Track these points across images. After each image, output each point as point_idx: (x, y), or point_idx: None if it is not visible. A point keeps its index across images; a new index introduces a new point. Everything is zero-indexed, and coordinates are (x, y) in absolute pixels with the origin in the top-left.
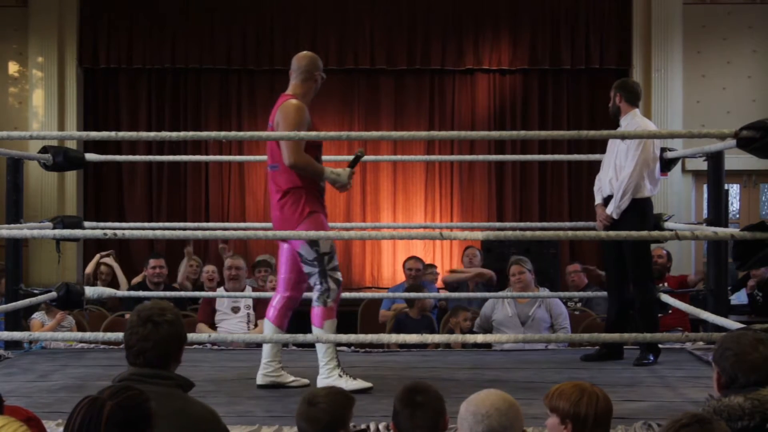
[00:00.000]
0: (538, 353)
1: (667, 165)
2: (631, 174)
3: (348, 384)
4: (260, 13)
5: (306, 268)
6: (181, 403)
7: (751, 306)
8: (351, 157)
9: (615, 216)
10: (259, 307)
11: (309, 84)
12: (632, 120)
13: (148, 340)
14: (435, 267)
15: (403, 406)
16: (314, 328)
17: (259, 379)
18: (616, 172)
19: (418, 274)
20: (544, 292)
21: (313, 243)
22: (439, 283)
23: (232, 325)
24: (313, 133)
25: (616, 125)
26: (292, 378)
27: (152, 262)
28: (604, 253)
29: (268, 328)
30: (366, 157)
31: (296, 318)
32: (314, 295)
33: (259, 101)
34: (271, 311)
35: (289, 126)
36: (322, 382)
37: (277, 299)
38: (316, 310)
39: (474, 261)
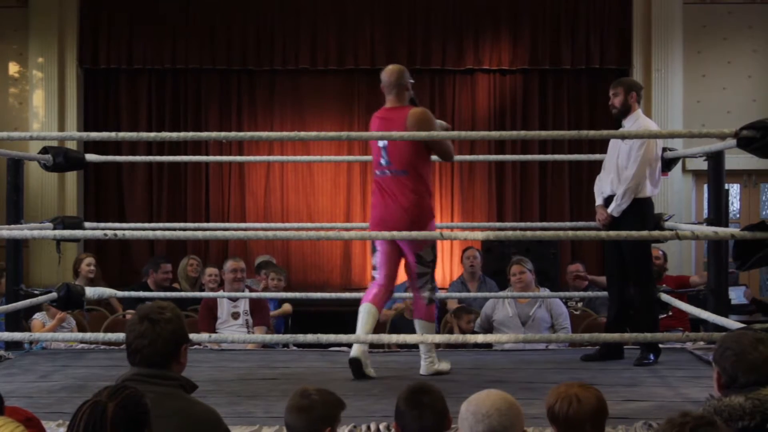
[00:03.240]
0: (538, 353)
1: (667, 165)
2: (635, 174)
3: (444, 367)
4: (260, 14)
5: (420, 269)
6: (183, 403)
7: (752, 305)
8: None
9: (615, 214)
10: (256, 313)
11: (404, 93)
12: (636, 120)
13: (144, 337)
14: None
15: (408, 407)
16: (425, 323)
17: (423, 369)
18: (618, 172)
19: None
20: (545, 292)
21: (433, 247)
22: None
23: (232, 332)
24: (313, 134)
25: (618, 125)
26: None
27: (164, 266)
28: (605, 252)
29: (367, 309)
30: (364, 157)
31: (298, 319)
32: (425, 294)
33: (259, 101)
34: (376, 299)
35: (432, 128)
36: (428, 368)
37: (377, 290)
38: (432, 307)
39: (474, 262)
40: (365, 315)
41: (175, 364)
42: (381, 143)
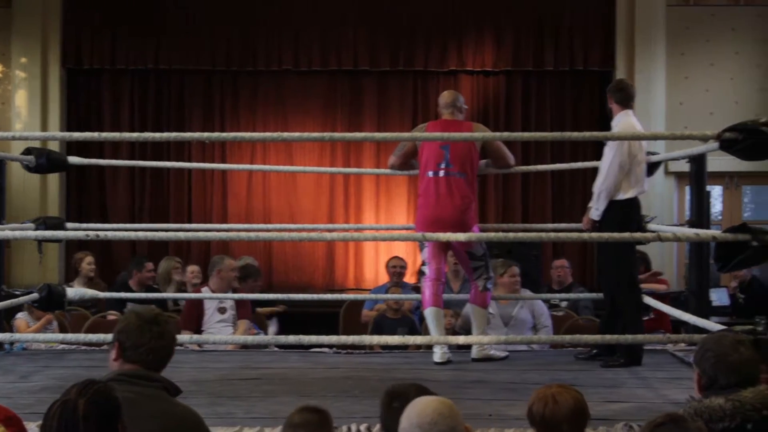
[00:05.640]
0: (520, 354)
1: (650, 169)
2: (605, 175)
3: (498, 354)
4: (244, 15)
5: (473, 264)
6: (165, 404)
7: (733, 307)
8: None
9: (594, 217)
10: (240, 307)
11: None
12: (619, 122)
13: (162, 338)
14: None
15: (390, 408)
16: (478, 308)
17: (474, 353)
18: (599, 174)
19: (402, 271)
20: (526, 293)
21: (482, 243)
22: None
23: (219, 328)
24: (296, 135)
25: (609, 126)
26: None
27: (147, 265)
28: (597, 257)
29: (432, 313)
30: (347, 170)
31: (280, 320)
32: (480, 283)
33: (242, 103)
34: (434, 298)
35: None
36: (479, 353)
37: (430, 288)
38: (488, 295)
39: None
40: (432, 319)
41: (162, 369)
42: (443, 146)
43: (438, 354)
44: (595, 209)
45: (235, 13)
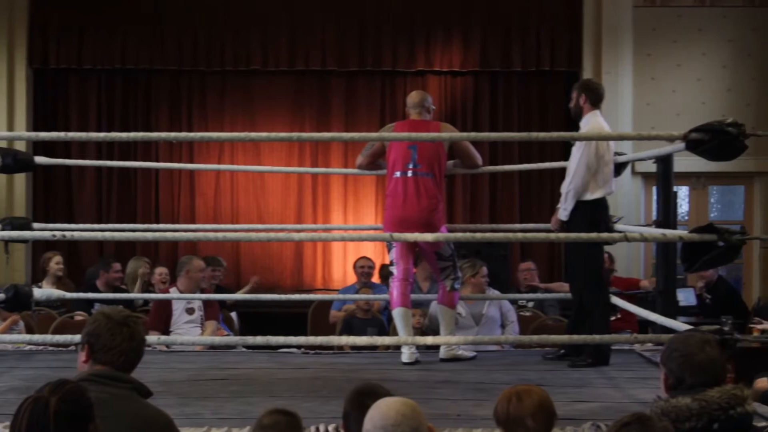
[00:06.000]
0: (488, 354)
1: (617, 169)
2: (573, 175)
3: (466, 354)
4: (211, 14)
5: (441, 264)
6: (135, 405)
7: (700, 307)
8: None
9: (562, 217)
10: (208, 307)
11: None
12: (588, 122)
13: (133, 340)
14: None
15: (353, 408)
16: (446, 308)
17: (442, 353)
18: (567, 174)
19: (370, 271)
20: (494, 293)
21: (449, 243)
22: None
23: (188, 329)
24: (263, 135)
25: (576, 126)
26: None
27: (115, 266)
28: (566, 256)
29: (401, 314)
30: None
31: (248, 321)
32: (448, 283)
33: (209, 102)
34: (402, 299)
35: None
36: (447, 353)
37: (398, 287)
38: (456, 295)
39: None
40: (401, 320)
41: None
42: (411, 146)
43: (406, 354)
44: (563, 209)
45: (202, 13)
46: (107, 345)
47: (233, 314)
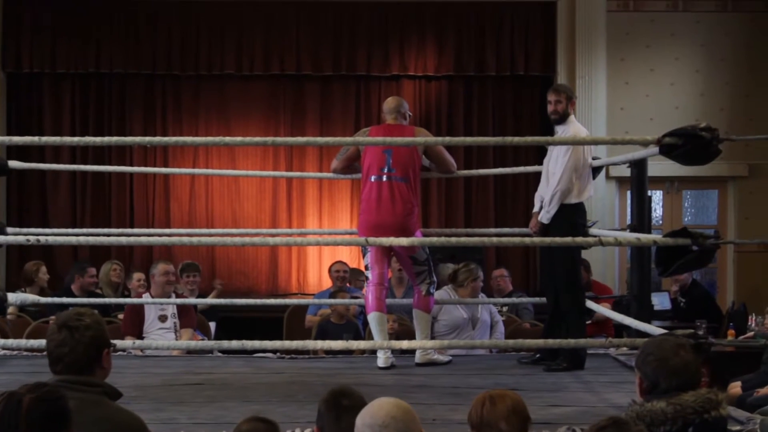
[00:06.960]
0: (463, 358)
1: (593, 173)
2: (560, 179)
3: (441, 358)
4: (186, 18)
5: (416, 269)
6: (107, 410)
7: (674, 311)
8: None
9: (544, 221)
10: (183, 315)
11: (405, 118)
12: (568, 126)
13: (64, 345)
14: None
15: (328, 410)
16: (422, 313)
17: (418, 358)
18: (548, 178)
19: (346, 276)
20: (482, 296)
21: (424, 247)
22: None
23: (161, 335)
24: (238, 139)
25: (552, 131)
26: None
27: (89, 270)
28: (540, 260)
29: (376, 318)
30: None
31: (223, 325)
32: (423, 288)
33: (184, 106)
34: (377, 303)
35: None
36: (422, 358)
37: (373, 292)
38: (431, 299)
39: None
40: (376, 324)
41: (99, 369)
42: (386, 150)
43: (382, 359)
44: (546, 212)
45: (176, 17)
46: (50, 353)
47: (212, 324)
